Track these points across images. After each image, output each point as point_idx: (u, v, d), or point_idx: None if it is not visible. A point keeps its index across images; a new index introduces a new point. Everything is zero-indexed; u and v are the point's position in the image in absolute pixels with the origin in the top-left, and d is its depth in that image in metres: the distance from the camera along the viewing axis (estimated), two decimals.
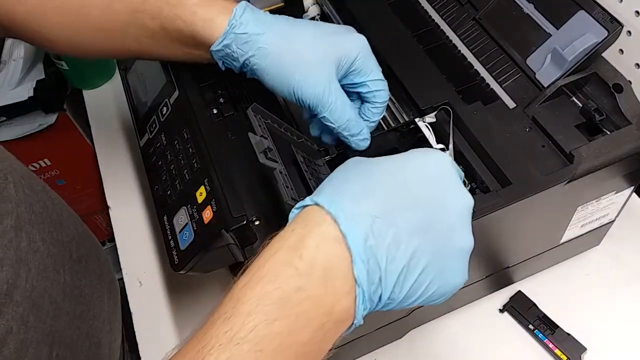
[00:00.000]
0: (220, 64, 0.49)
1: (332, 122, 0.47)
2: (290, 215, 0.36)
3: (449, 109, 0.50)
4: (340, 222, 0.33)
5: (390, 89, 0.51)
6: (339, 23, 0.61)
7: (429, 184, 0.36)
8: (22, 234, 0.42)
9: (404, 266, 0.33)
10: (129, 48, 0.51)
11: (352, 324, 0.34)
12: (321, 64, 0.46)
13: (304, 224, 0.34)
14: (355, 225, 0.33)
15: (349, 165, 0.38)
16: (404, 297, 0.34)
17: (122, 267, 0.72)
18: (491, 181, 0.47)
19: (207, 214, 0.46)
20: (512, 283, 0.64)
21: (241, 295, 0.32)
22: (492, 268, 0.58)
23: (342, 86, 0.48)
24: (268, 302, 0.31)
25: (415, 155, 0.38)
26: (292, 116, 0.56)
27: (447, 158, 0.38)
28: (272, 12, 0.63)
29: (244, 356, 0.30)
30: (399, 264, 0.33)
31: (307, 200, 0.35)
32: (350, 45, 0.47)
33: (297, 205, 0.36)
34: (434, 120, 0.51)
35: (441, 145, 0.49)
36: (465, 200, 0.37)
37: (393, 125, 0.54)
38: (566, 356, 0.58)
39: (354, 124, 0.47)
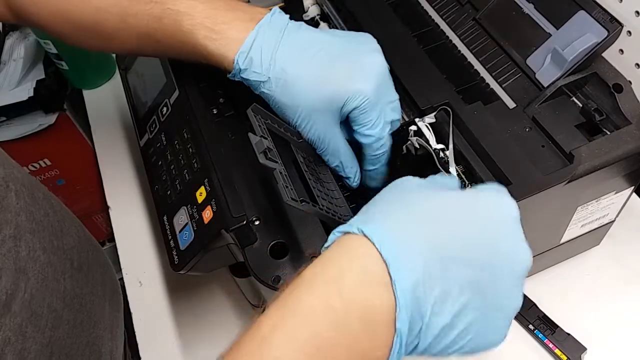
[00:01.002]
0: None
1: (325, 160, 0.49)
2: (331, 237, 0.33)
3: (449, 109, 0.50)
4: (391, 266, 0.30)
5: None
6: (338, 22, 0.61)
7: (493, 236, 0.33)
8: (22, 243, 0.42)
9: (448, 323, 0.31)
10: (145, 53, 0.54)
11: None
12: (320, 112, 0.46)
13: (348, 257, 0.31)
14: (406, 271, 0.30)
15: (399, 190, 0.35)
16: (439, 350, 0.32)
17: (122, 267, 0.72)
18: (491, 181, 0.47)
19: (207, 214, 0.46)
20: None
21: (269, 336, 0.29)
22: None
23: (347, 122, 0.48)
24: (297, 345, 0.29)
25: (486, 198, 0.35)
26: None
27: (516, 208, 0.34)
28: None
29: None
30: (443, 319, 0.31)
31: (354, 227, 0.32)
32: (351, 95, 0.45)
33: (339, 229, 0.33)
34: (434, 120, 0.51)
35: (441, 145, 0.49)
36: (525, 261, 0.34)
37: None
38: (566, 356, 0.58)
39: (341, 168, 0.48)
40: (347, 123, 0.48)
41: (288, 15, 0.48)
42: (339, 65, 0.45)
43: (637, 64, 0.54)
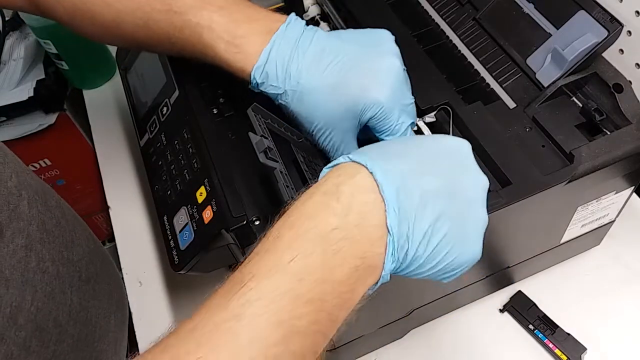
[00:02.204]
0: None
1: None
2: (321, 175, 0.37)
3: (449, 109, 0.50)
4: (376, 173, 0.34)
5: None
6: (338, 22, 0.61)
7: (453, 159, 0.38)
8: (32, 254, 0.41)
9: (430, 225, 0.35)
10: (167, 54, 0.54)
11: (380, 278, 0.35)
12: (337, 123, 0.46)
13: (338, 174, 0.35)
14: (389, 177, 0.34)
15: (375, 143, 0.40)
16: (427, 258, 0.35)
17: (122, 267, 0.72)
18: (491, 181, 0.47)
19: (207, 214, 0.46)
20: (512, 283, 0.64)
21: (279, 234, 0.33)
22: (492, 268, 0.58)
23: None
24: (306, 238, 0.33)
25: (439, 135, 0.40)
26: None
27: (468, 143, 0.40)
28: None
29: (284, 284, 0.31)
30: (425, 222, 0.35)
31: (340, 159, 0.36)
32: (366, 105, 0.44)
33: (329, 165, 0.37)
34: (434, 120, 0.51)
35: None
36: (483, 180, 0.39)
37: None
38: (566, 356, 0.58)
39: None
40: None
41: (304, 22, 0.47)
42: (352, 75, 0.45)
43: (637, 64, 0.54)
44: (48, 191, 0.48)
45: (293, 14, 0.47)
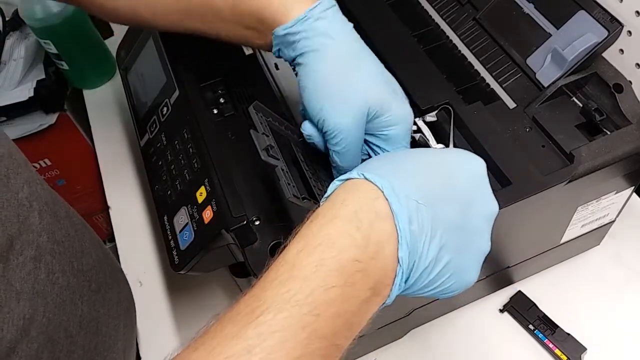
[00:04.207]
0: (275, 50, 0.46)
1: (333, 161, 0.47)
2: (331, 187, 0.36)
3: (450, 109, 0.50)
4: (392, 202, 0.34)
5: None
6: None
7: (468, 183, 0.37)
8: (41, 266, 0.41)
9: (434, 256, 0.35)
10: (188, 26, 0.50)
11: (384, 303, 0.35)
12: (355, 108, 0.44)
13: (356, 196, 0.34)
14: (403, 206, 0.34)
15: (393, 152, 0.39)
16: (427, 283, 0.36)
17: (122, 267, 0.72)
18: (491, 181, 0.47)
19: (207, 214, 0.46)
20: (512, 283, 0.64)
21: (297, 261, 0.32)
22: (492, 268, 0.58)
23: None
24: (326, 269, 0.32)
25: (458, 153, 0.39)
26: (292, 116, 0.56)
27: (484, 162, 0.39)
28: None
29: (301, 318, 0.30)
30: (431, 253, 0.35)
31: (354, 173, 0.36)
32: (397, 113, 0.45)
33: (339, 178, 0.36)
34: (435, 119, 0.51)
35: (441, 145, 0.49)
36: (493, 206, 0.39)
37: None
38: (566, 356, 0.58)
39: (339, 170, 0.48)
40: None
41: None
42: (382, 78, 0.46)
43: (637, 64, 0.54)
44: (57, 201, 0.48)
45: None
